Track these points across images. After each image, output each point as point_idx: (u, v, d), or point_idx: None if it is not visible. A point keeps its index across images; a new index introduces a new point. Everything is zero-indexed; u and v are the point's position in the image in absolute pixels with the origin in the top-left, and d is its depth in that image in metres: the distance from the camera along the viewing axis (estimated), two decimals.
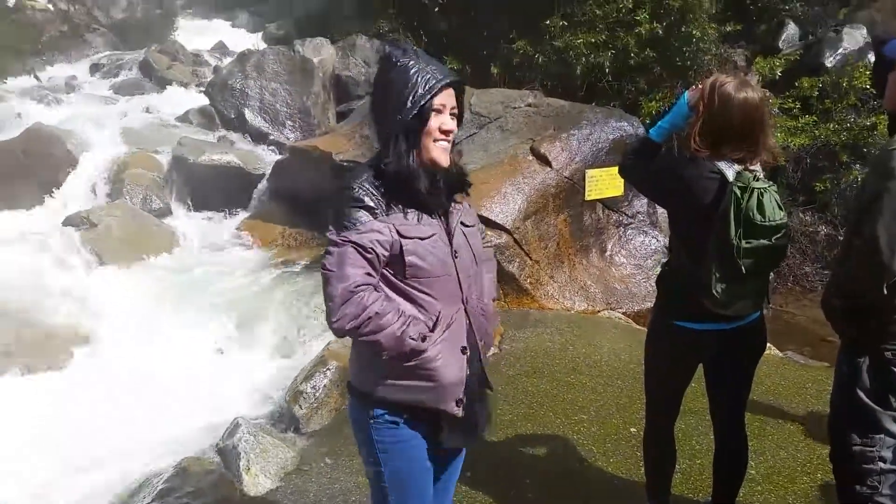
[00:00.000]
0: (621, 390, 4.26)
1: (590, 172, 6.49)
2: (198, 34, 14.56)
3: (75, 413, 4.28)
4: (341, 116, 10.00)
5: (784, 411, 3.99)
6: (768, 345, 3.08)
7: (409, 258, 1.79)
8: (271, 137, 9.38)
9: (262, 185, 8.10)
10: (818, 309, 2.49)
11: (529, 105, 7.28)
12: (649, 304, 5.82)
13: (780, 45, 9.77)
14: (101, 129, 8.72)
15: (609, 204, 6.72)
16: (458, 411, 1.88)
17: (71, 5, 9.66)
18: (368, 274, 1.77)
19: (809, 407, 4.04)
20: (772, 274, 3.38)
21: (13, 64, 8.79)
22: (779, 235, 2.31)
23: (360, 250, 1.75)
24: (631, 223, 6.86)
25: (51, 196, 7.69)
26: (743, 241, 2.25)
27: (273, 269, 6.55)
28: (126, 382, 4.55)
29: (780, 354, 5.04)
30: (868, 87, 8.06)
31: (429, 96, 1.80)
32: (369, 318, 1.74)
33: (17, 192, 7.66)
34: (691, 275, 2.39)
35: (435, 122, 1.84)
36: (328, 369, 4.22)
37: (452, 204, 1.96)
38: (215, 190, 7.92)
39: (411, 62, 1.83)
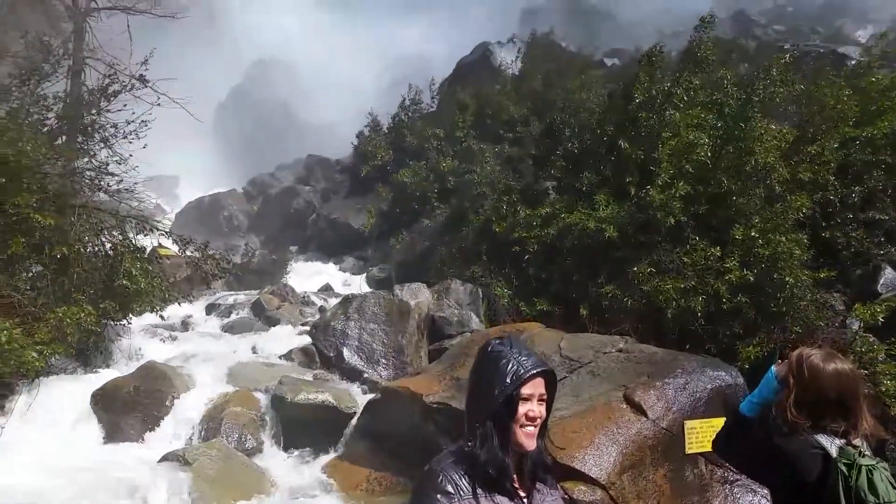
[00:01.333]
0: None
1: (689, 424, 6.18)
2: (307, 276, 15.90)
3: None
4: (433, 354, 10.27)
5: None
6: None
7: None
8: (365, 375, 9.66)
9: (353, 424, 8.17)
10: None
11: (621, 350, 7.25)
12: None
13: (880, 289, 9.53)
14: (209, 367, 9.29)
15: (712, 458, 6.27)
16: None
17: (198, 253, 10.82)
18: None
19: None
20: None
21: (141, 305, 9.76)
22: None
23: None
24: (738, 480, 6.32)
25: (152, 431, 8.02)
26: None
27: None
28: None
29: None
30: None
31: (516, 385, 1.87)
32: None
33: (126, 425, 8.08)
34: None
35: (522, 409, 1.89)
36: None
37: (538, 486, 1.95)
38: (308, 428, 8.05)
39: (504, 351, 1.94)
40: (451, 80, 23.72)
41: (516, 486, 1.90)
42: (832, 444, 2.24)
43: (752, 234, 8.80)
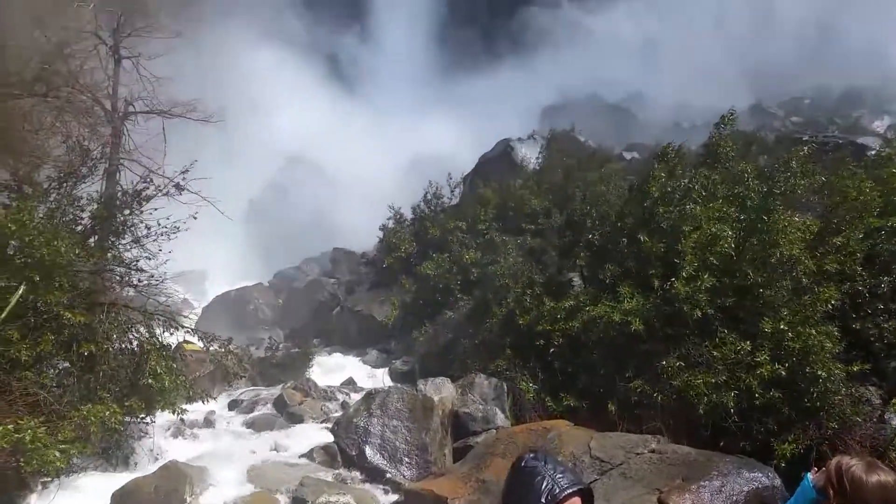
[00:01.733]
0: None
1: None
2: (330, 370, 15.79)
3: None
4: (457, 452, 10.00)
5: None
6: None
7: None
8: (388, 475, 9.41)
9: None
10: None
11: (653, 451, 7.04)
12: None
13: None
14: (229, 466, 9.15)
15: None
16: None
17: (222, 347, 10.87)
18: None
19: None
20: None
21: (163, 402, 9.73)
22: None
23: None
24: None
25: None
26: None
27: None
28: None
29: None
30: None
31: None
32: None
33: None
34: None
35: None
36: None
37: None
38: None
39: (538, 467, 1.89)
40: (473, 174, 24.26)
41: None
42: None
43: (782, 326, 8.66)
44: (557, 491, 1.84)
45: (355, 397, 12.27)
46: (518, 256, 14.05)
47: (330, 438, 10.29)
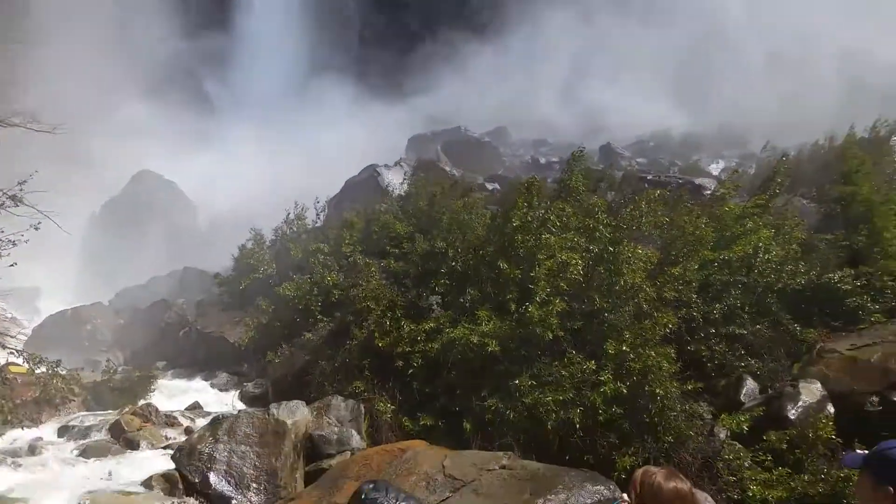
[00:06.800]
0: None
1: None
2: (175, 394, 14.78)
3: None
4: (310, 476, 9.65)
5: None
6: None
7: None
8: (234, 502, 8.88)
9: None
10: None
11: (504, 467, 7.18)
12: None
13: (742, 398, 10.15)
14: (58, 496, 8.26)
15: None
16: None
17: (49, 370, 9.90)
18: None
19: None
20: None
21: None
22: None
23: None
24: None
25: None
26: None
27: None
28: None
29: None
30: (833, 437, 8.20)
31: None
32: None
33: None
34: None
35: None
36: None
37: None
38: None
39: (379, 498, 1.84)
40: (339, 198, 24.08)
41: None
42: None
43: (624, 348, 9.21)
44: None
45: (201, 422, 11.55)
46: (381, 279, 14.01)
47: (171, 465, 9.57)
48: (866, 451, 2.45)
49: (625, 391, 8.80)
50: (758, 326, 11.03)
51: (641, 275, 10.34)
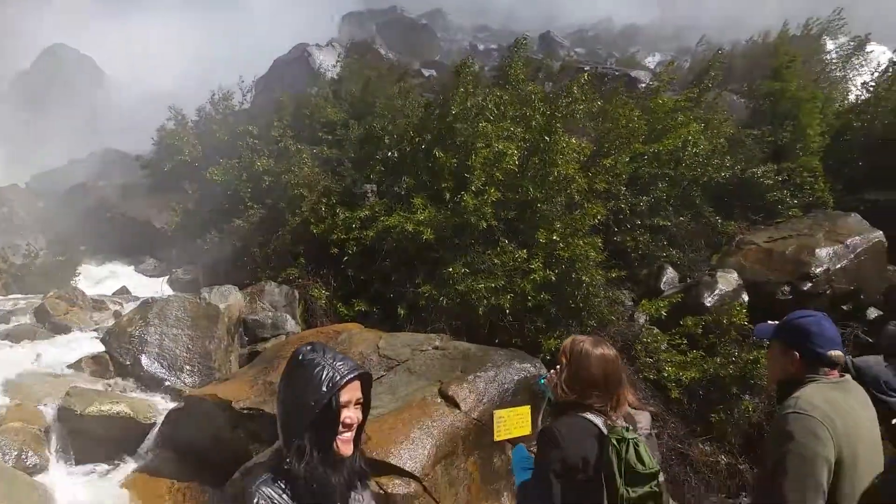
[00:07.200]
0: None
1: (497, 413, 6.39)
2: (101, 280, 14.41)
3: None
4: (246, 360, 9.78)
5: None
6: None
7: None
8: (167, 384, 8.93)
9: (152, 435, 7.56)
10: None
11: (436, 348, 7.43)
12: None
13: (662, 286, 10.74)
14: None
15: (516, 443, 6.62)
16: None
17: None
18: None
19: None
20: None
21: None
22: (657, 482, 2.40)
23: None
24: None
25: None
26: (630, 491, 2.32)
27: None
28: None
29: None
30: (746, 323, 8.84)
31: (333, 392, 1.79)
32: None
33: None
34: None
35: (339, 416, 1.82)
36: None
37: (352, 494, 1.92)
38: (102, 442, 7.31)
39: (316, 359, 1.84)
40: (267, 79, 22.94)
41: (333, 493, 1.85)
42: (601, 423, 2.49)
43: (554, 237, 9.47)
44: (338, 378, 1.81)
45: (130, 307, 11.36)
46: (314, 166, 13.70)
47: (101, 349, 9.47)
48: (777, 323, 2.65)
49: (553, 279, 9.13)
50: (681, 218, 11.51)
51: (574, 166, 10.49)
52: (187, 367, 9.22)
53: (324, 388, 1.77)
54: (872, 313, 10.45)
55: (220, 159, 16.16)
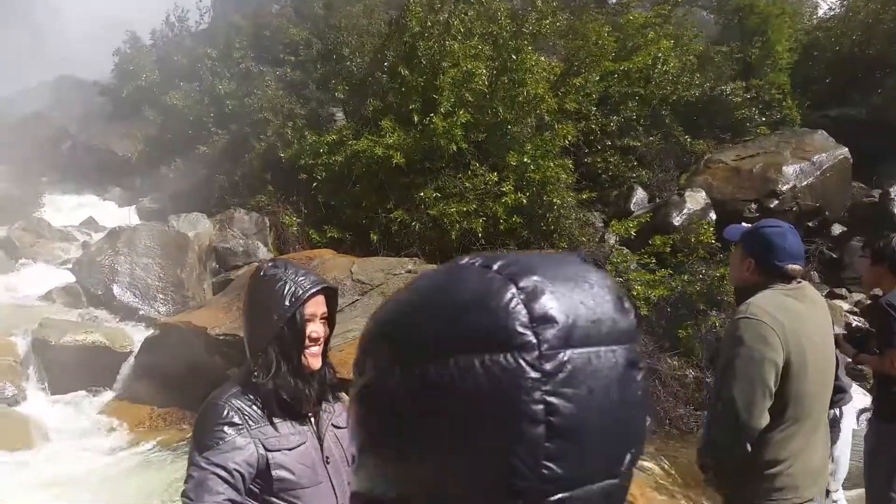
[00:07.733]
0: None
1: None
2: (67, 211, 14.08)
3: None
4: (218, 287, 9.79)
5: None
6: None
7: (275, 472, 1.75)
8: (141, 313, 8.95)
9: (129, 363, 7.62)
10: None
11: (409, 271, 7.51)
12: None
13: (632, 207, 10.86)
14: None
15: None
16: None
17: None
18: (230, 500, 1.69)
19: None
20: (649, 419, 3.57)
21: None
22: None
23: (222, 475, 1.68)
24: None
25: None
26: None
27: (138, 455, 6.02)
28: None
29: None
30: (713, 241, 9.03)
31: (297, 306, 1.81)
32: None
33: None
34: None
35: (304, 330, 1.83)
36: None
37: (323, 406, 1.93)
38: (78, 371, 7.36)
39: (279, 274, 1.83)
40: None
41: (302, 407, 1.86)
42: None
43: (525, 159, 9.46)
44: (301, 292, 1.80)
45: (97, 237, 11.19)
46: (278, 89, 13.34)
47: (71, 279, 9.39)
48: (746, 226, 2.71)
49: (524, 201, 9.18)
50: (651, 138, 11.52)
51: (544, 85, 10.35)
52: (160, 296, 9.21)
53: (286, 303, 1.77)
54: (837, 229, 10.74)
55: (181, 83, 15.64)
